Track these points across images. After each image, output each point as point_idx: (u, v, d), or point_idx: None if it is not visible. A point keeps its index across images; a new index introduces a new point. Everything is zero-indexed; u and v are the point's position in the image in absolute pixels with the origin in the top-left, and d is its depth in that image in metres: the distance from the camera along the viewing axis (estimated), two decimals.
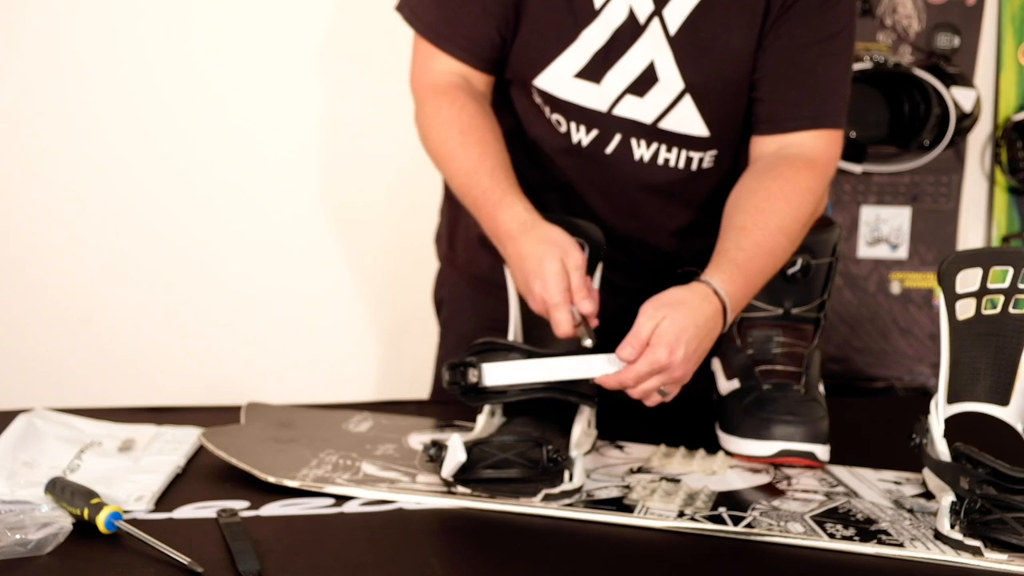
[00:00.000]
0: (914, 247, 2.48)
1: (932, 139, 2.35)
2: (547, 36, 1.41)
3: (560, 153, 1.49)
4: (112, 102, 2.20)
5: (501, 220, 1.36)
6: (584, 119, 1.44)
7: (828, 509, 1.20)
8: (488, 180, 1.39)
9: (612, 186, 1.49)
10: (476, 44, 1.45)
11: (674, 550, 1.12)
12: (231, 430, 1.37)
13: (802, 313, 1.40)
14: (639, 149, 1.45)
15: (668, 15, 1.38)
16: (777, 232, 1.34)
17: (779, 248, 1.35)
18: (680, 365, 1.23)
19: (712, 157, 1.47)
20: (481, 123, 1.43)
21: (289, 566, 1.06)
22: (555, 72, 1.42)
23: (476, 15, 1.44)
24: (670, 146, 1.45)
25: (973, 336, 1.22)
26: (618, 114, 1.43)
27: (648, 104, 1.42)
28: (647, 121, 1.42)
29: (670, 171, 1.46)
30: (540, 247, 1.31)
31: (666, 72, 1.40)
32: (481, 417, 1.32)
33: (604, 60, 1.40)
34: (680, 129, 1.43)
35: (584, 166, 1.48)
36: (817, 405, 1.34)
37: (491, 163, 1.40)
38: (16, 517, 1.10)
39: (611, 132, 1.44)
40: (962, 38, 2.41)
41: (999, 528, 1.08)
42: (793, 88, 1.41)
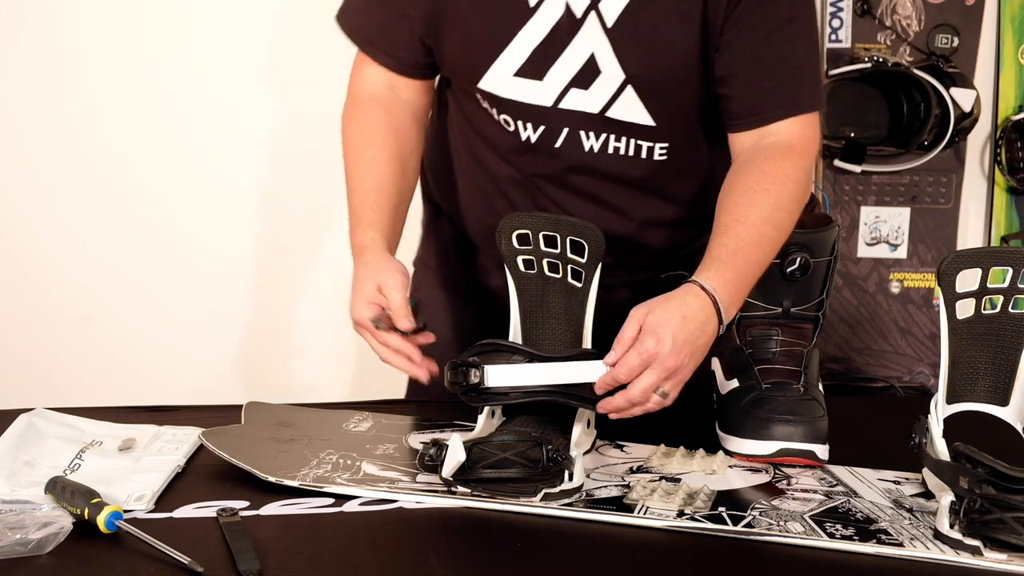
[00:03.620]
0: (913, 247, 2.48)
1: (931, 139, 2.36)
2: (484, 39, 1.42)
3: (512, 152, 1.50)
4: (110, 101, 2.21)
5: (354, 239, 1.46)
6: (530, 116, 1.45)
7: (828, 508, 1.20)
8: (357, 202, 1.47)
9: (569, 177, 1.49)
10: (400, 50, 1.49)
11: (674, 549, 1.12)
12: (231, 430, 1.37)
13: (801, 312, 1.39)
14: (588, 140, 1.45)
15: (604, 8, 1.38)
16: (759, 223, 1.34)
17: (765, 238, 1.34)
18: (671, 354, 1.22)
19: (663, 149, 1.46)
20: (379, 140, 1.49)
21: (289, 565, 1.06)
22: (496, 73, 1.43)
23: (398, 22, 1.47)
24: (619, 135, 1.45)
25: (973, 336, 1.21)
26: (564, 107, 1.43)
27: (593, 95, 1.42)
28: (594, 111, 1.43)
29: (622, 159, 1.47)
30: (362, 271, 1.40)
31: (607, 64, 1.40)
32: (481, 417, 1.32)
33: (544, 56, 1.41)
34: (627, 118, 1.43)
35: (538, 162, 1.49)
36: (816, 404, 1.34)
37: (368, 184, 1.47)
38: (16, 517, 1.10)
39: (559, 126, 1.45)
40: (961, 38, 2.41)
41: (998, 528, 1.08)
42: (762, 80, 1.41)
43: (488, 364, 1.25)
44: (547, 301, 1.37)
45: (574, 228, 1.33)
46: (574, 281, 1.35)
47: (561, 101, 1.42)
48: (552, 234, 1.34)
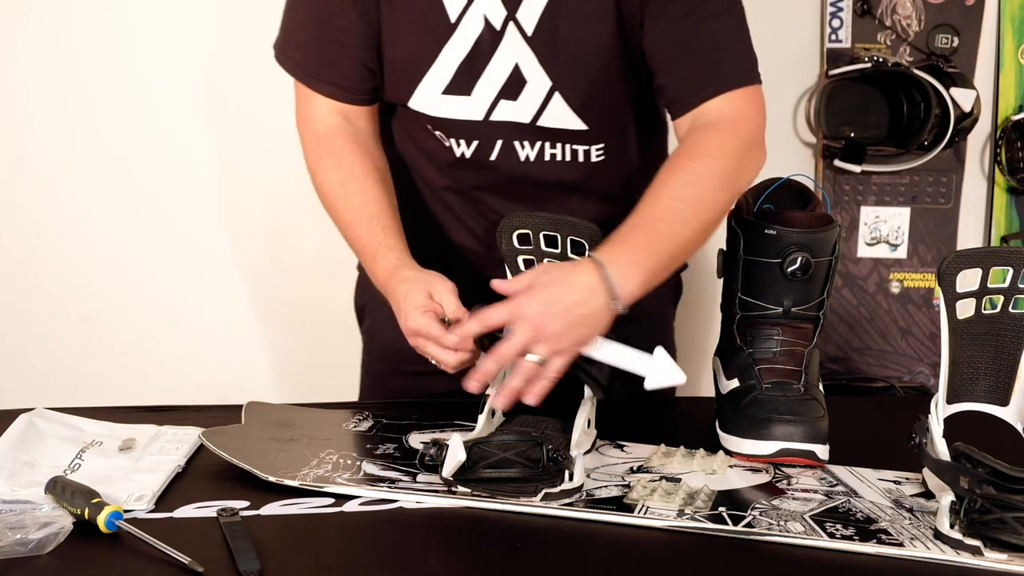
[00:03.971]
0: (913, 247, 2.48)
1: (931, 139, 2.36)
2: (409, 59, 1.43)
3: (450, 166, 1.51)
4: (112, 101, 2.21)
5: (377, 272, 1.43)
6: (463, 132, 1.46)
7: (828, 508, 1.20)
8: (366, 232, 1.44)
9: (508, 187, 1.50)
10: (345, 79, 1.49)
11: (674, 549, 1.12)
12: (231, 430, 1.37)
13: (802, 312, 1.39)
14: (523, 150, 1.46)
15: (522, 17, 1.39)
16: (669, 198, 1.33)
17: (671, 211, 1.31)
18: (537, 315, 1.22)
19: (599, 150, 1.47)
20: (360, 168, 1.48)
21: (289, 565, 1.06)
22: (424, 92, 1.44)
23: (338, 51, 1.46)
24: (553, 142, 1.45)
25: (973, 336, 1.21)
26: (496, 119, 1.43)
27: (523, 105, 1.43)
28: (526, 120, 1.43)
29: (560, 164, 1.47)
30: (405, 285, 1.35)
31: (532, 73, 1.41)
32: (481, 417, 1.32)
33: (470, 72, 1.41)
34: (558, 125, 1.44)
35: (475, 175, 1.50)
36: (817, 404, 1.34)
37: (369, 212, 1.45)
38: (17, 517, 1.10)
39: (492, 139, 1.45)
40: (961, 38, 2.41)
41: (999, 528, 1.08)
42: (685, 64, 1.40)
43: None
44: None
45: (574, 228, 1.34)
46: None
47: (492, 114, 1.43)
48: (552, 234, 1.34)
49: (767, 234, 1.37)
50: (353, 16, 1.44)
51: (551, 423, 1.31)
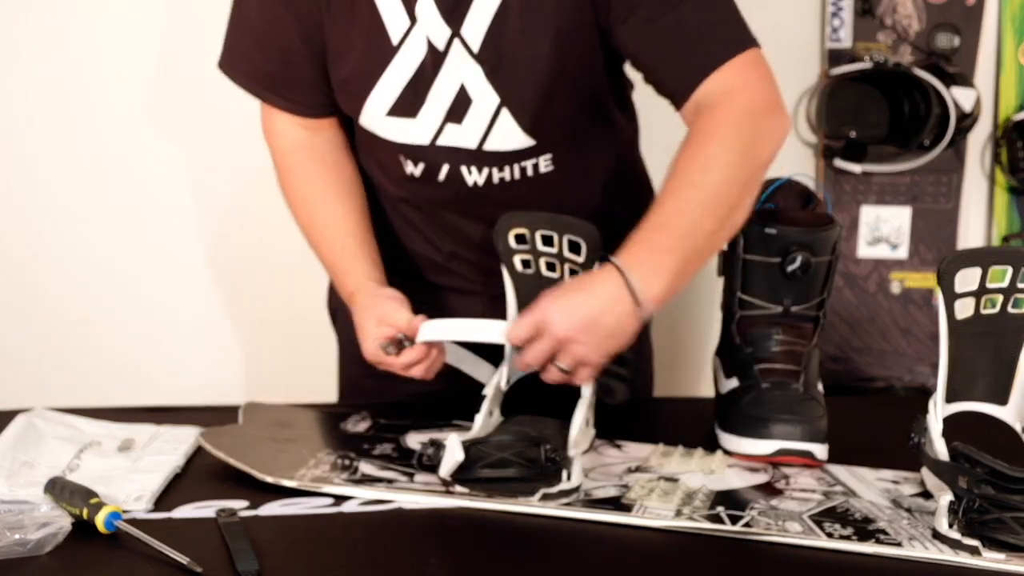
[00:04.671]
0: (914, 247, 2.48)
1: (932, 139, 2.35)
2: (355, 77, 1.41)
3: (403, 180, 1.49)
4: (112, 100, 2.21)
5: (344, 291, 1.46)
6: (410, 154, 1.44)
7: (826, 508, 1.20)
8: (328, 254, 1.48)
9: (463, 205, 1.48)
10: (297, 94, 1.47)
11: (672, 549, 1.12)
12: (229, 430, 1.37)
13: (802, 311, 1.39)
14: (471, 176, 1.44)
15: (467, 33, 1.36)
16: (684, 190, 1.26)
17: (689, 203, 1.25)
18: (561, 327, 1.19)
19: (548, 160, 1.44)
20: (322, 185, 1.49)
21: (288, 566, 1.06)
22: (370, 112, 1.42)
23: (285, 69, 1.45)
24: (500, 165, 1.43)
25: (972, 336, 1.21)
26: (442, 144, 1.41)
27: (468, 129, 1.40)
28: (471, 147, 1.41)
29: (509, 185, 1.44)
30: (358, 315, 1.39)
31: (478, 90, 1.38)
32: (479, 416, 1.32)
33: (414, 94, 1.39)
34: (505, 147, 1.41)
35: (428, 191, 1.48)
36: (816, 404, 1.34)
37: (330, 233, 1.47)
38: (15, 517, 1.10)
39: (439, 163, 1.43)
40: (962, 38, 2.41)
41: (997, 528, 1.08)
42: (668, 55, 1.35)
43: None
44: None
45: (572, 227, 1.33)
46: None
47: (438, 138, 1.41)
48: (549, 233, 1.34)
49: (767, 233, 1.37)
50: (295, 36, 1.42)
51: (549, 423, 1.31)
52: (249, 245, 2.27)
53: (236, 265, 2.27)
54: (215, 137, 2.20)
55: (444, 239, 1.55)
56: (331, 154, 1.52)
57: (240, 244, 2.26)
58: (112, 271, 2.26)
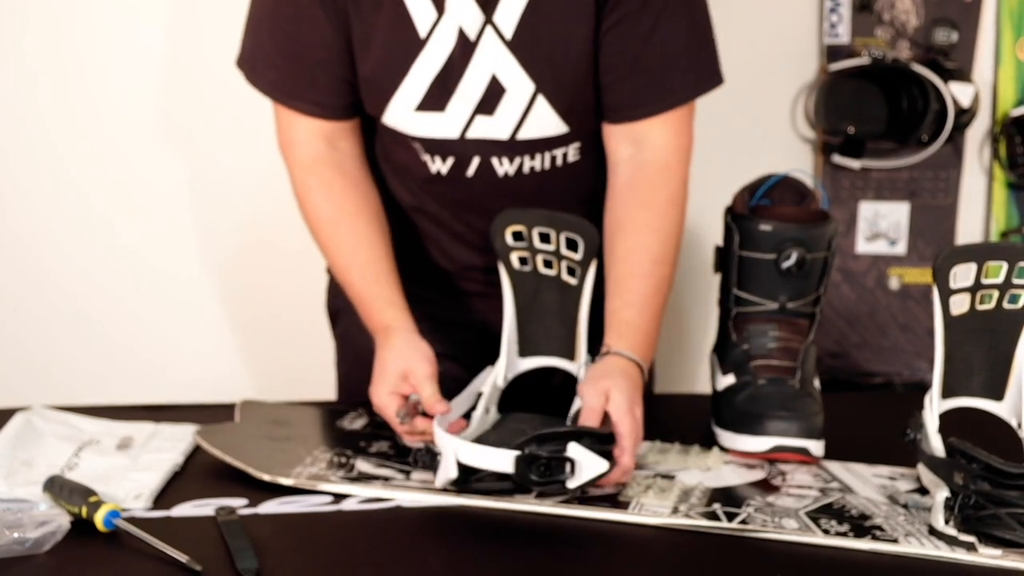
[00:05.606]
0: (913, 242, 2.47)
1: (930, 134, 2.35)
2: (381, 74, 1.38)
3: (424, 182, 1.47)
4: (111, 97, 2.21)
5: (370, 324, 1.43)
6: (439, 150, 1.42)
7: (822, 505, 1.20)
8: (359, 279, 1.43)
9: (485, 203, 1.45)
10: (324, 95, 1.43)
11: (668, 546, 1.12)
12: (226, 428, 1.37)
13: (798, 308, 1.39)
14: (502, 167, 1.42)
15: (500, 20, 1.34)
16: (653, 265, 1.37)
17: (661, 279, 1.37)
18: (640, 423, 1.26)
19: (576, 149, 1.44)
20: (351, 206, 1.45)
21: (287, 564, 1.06)
22: (396, 109, 1.39)
23: (313, 68, 1.41)
24: (532, 154, 1.42)
25: (967, 331, 1.21)
26: (472, 137, 1.39)
27: (500, 120, 1.38)
28: (504, 137, 1.40)
29: (537, 175, 1.44)
30: (388, 354, 1.35)
31: (512, 79, 1.37)
32: (476, 414, 1.31)
33: (443, 88, 1.37)
34: (539, 134, 1.40)
35: (452, 191, 1.46)
36: (812, 400, 1.34)
37: (363, 258, 1.44)
38: (14, 516, 1.11)
39: (468, 157, 1.42)
40: (960, 33, 2.41)
41: (993, 524, 1.08)
42: (635, 73, 1.38)
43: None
44: (541, 298, 1.37)
45: (569, 225, 1.33)
46: (569, 278, 1.35)
47: (468, 131, 1.39)
48: (547, 231, 1.34)
49: (762, 230, 1.37)
50: (327, 30, 1.38)
51: (545, 421, 1.31)
52: (249, 244, 2.27)
53: (235, 264, 2.27)
54: (216, 137, 2.21)
55: (457, 248, 1.54)
56: (354, 171, 1.48)
57: (239, 243, 2.26)
58: (111, 270, 2.26)
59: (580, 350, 1.37)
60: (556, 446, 1.17)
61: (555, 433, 1.18)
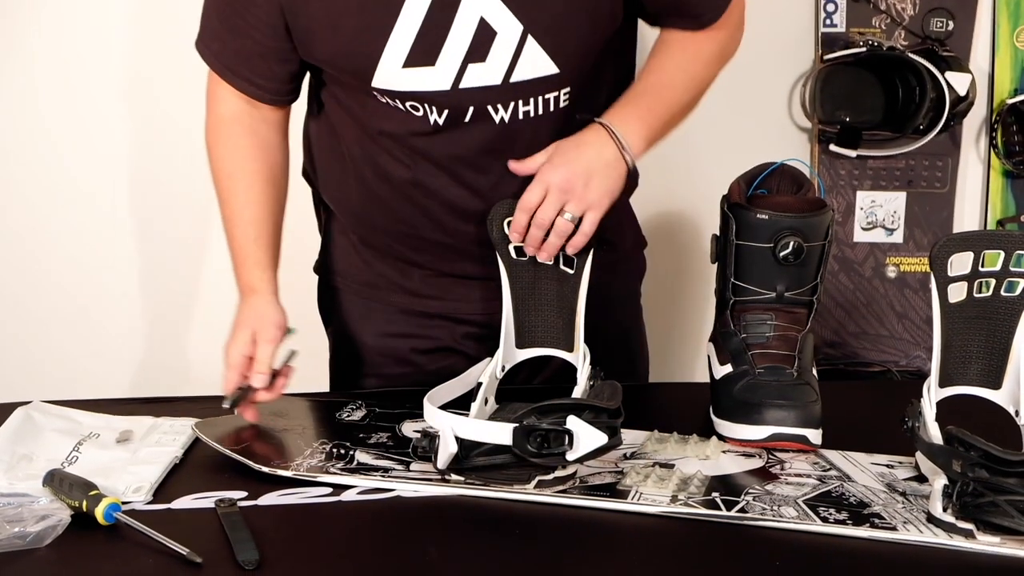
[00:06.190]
0: (910, 231, 2.48)
1: (927, 123, 2.36)
2: (361, 39, 1.37)
3: (420, 136, 1.45)
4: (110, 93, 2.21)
5: (240, 278, 1.51)
6: (434, 101, 1.41)
7: (821, 493, 1.20)
8: (240, 235, 1.50)
9: (481, 156, 1.45)
10: (259, 77, 1.48)
11: (668, 535, 1.12)
12: (224, 420, 1.38)
13: (795, 296, 1.38)
14: (497, 113, 1.42)
15: None
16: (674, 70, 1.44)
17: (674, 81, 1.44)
18: (563, 174, 1.30)
19: (566, 95, 1.43)
20: (251, 166, 1.51)
21: (288, 555, 1.07)
22: (385, 71, 1.38)
23: (251, 48, 1.44)
24: (527, 97, 1.41)
25: (965, 319, 1.21)
26: (465, 87, 1.38)
27: (492, 65, 1.37)
28: (497, 82, 1.38)
29: (532, 121, 1.43)
30: (245, 314, 1.46)
31: (500, 21, 1.35)
32: (474, 405, 1.31)
33: (430, 39, 1.35)
34: (531, 75, 1.39)
35: (448, 145, 1.45)
36: (809, 389, 1.34)
37: (248, 216, 1.50)
38: (15, 510, 1.11)
39: (463, 106, 1.41)
40: (956, 22, 2.41)
41: (992, 511, 1.08)
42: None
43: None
44: (539, 288, 1.37)
45: None
46: (566, 268, 1.35)
47: (461, 81, 1.38)
48: None
49: (759, 219, 1.36)
50: (272, 9, 1.40)
51: None
52: None
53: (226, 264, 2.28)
54: None
55: (454, 219, 1.52)
56: (268, 135, 1.52)
57: None
58: (109, 264, 2.26)
59: (578, 340, 1.37)
60: (555, 419, 1.17)
61: (554, 405, 1.18)
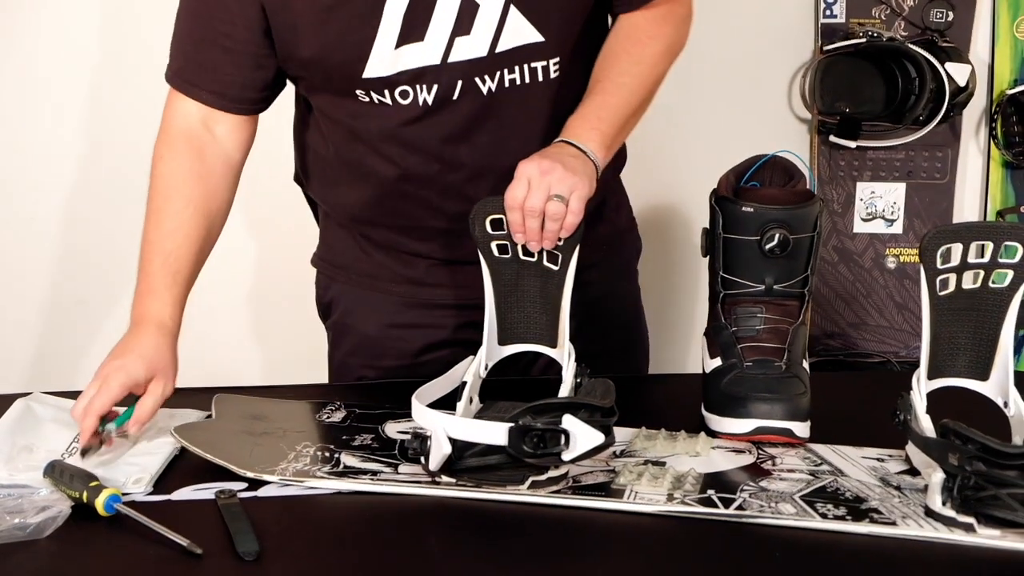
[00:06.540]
0: (909, 222, 2.48)
1: (927, 114, 2.36)
2: (352, 27, 1.39)
3: (410, 125, 1.46)
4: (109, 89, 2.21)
5: (139, 304, 1.43)
6: (425, 79, 1.42)
7: (816, 488, 1.18)
8: (159, 264, 1.43)
9: (471, 131, 1.47)
10: (226, 86, 1.47)
11: (665, 534, 1.11)
12: (203, 425, 1.36)
13: (785, 289, 1.37)
14: (484, 84, 1.44)
15: None
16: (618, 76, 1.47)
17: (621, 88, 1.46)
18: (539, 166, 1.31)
19: (556, 65, 1.45)
20: (187, 191, 1.46)
21: (288, 546, 1.07)
22: (377, 57, 1.40)
23: (221, 57, 1.44)
24: (511, 66, 1.43)
25: (953, 311, 1.21)
26: (454, 60, 1.41)
27: (477, 37, 1.40)
28: (483, 53, 1.41)
29: (519, 90, 1.45)
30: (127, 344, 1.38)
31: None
32: (460, 405, 1.29)
33: (418, 16, 1.38)
34: (516, 43, 1.42)
35: (438, 125, 1.46)
36: (797, 381, 1.32)
37: (170, 245, 1.44)
38: (15, 501, 1.12)
39: (452, 81, 1.42)
40: (956, 12, 2.41)
41: (992, 504, 1.07)
42: None
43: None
44: (522, 285, 1.36)
45: None
46: (550, 264, 1.34)
47: (450, 55, 1.40)
48: None
49: (744, 212, 1.35)
50: (251, 12, 1.41)
51: None
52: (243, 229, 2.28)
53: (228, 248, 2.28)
54: None
55: (448, 201, 1.52)
56: (212, 166, 1.49)
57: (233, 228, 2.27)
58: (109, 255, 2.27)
59: (563, 337, 1.35)
60: (550, 418, 1.16)
61: (549, 404, 1.17)
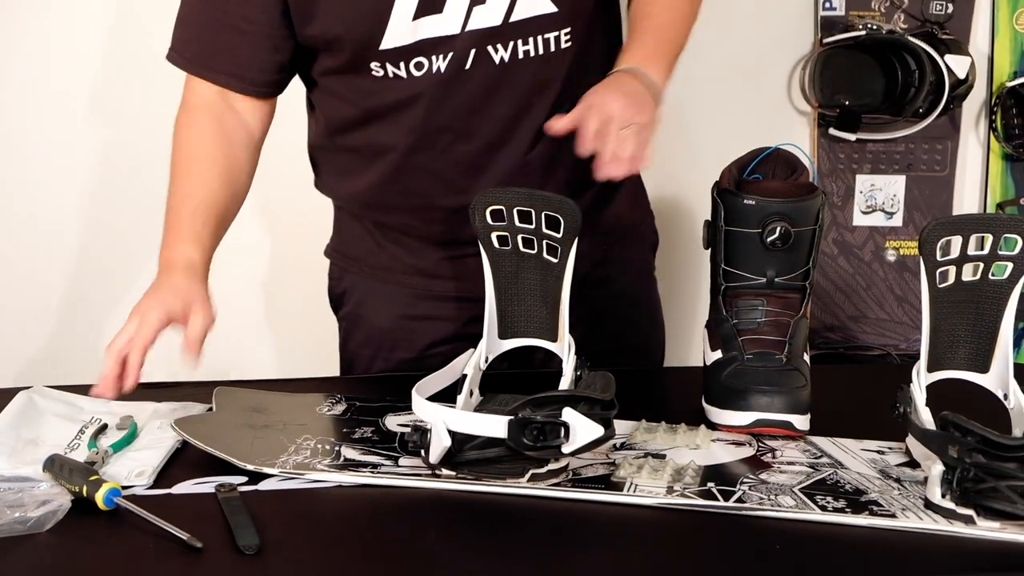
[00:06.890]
0: (909, 215, 2.48)
1: (926, 107, 2.36)
2: (367, 6, 1.41)
3: (423, 97, 1.48)
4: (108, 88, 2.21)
5: (168, 249, 1.48)
6: (440, 48, 1.44)
7: (816, 481, 1.19)
8: (177, 218, 1.48)
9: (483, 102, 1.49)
10: (242, 69, 1.50)
11: (665, 526, 1.11)
12: (204, 418, 1.36)
13: (787, 282, 1.37)
14: (497, 53, 1.46)
15: None
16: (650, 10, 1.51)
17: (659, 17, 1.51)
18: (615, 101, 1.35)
19: (567, 35, 1.48)
20: (212, 153, 1.52)
21: (288, 540, 1.07)
22: (395, 29, 1.42)
23: (235, 38, 1.47)
24: (525, 37, 1.46)
25: (953, 303, 1.21)
26: (471, 29, 1.43)
27: (492, 6, 1.43)
28: (498, 23, 1.43)
29: (532, 62, 1.48)
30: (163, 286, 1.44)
31: None
32: (460, 398, 1.28)
33: None
34: (529, 13, 1.44)
35: (450, 94, 1.48)
36: (798, 374, 1.32)
37: (194, 203, 1.49)
38: (15, 495, 1.11)
39: (467, 50, 1.45)
40: (956, 5, 2.41)
41: (992, 496, 1.07)
42: None
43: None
44: (522, 277, 1.36)
45: (549, 203, 1.31)
46: (549, 257, 1.34)
47: (467, 24, 1.43)
48: (527, 209, 1.32)
49: (746, 204, 1.35)
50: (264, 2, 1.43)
51: None
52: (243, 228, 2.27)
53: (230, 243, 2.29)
54: None
55: (463, 174, 1.54)
56: (233, 133, 1.54)
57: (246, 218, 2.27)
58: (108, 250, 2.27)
59: (563, 330, 1.35)
60: (550, 411, 1.15)
61: (549, 397, 1.16)
